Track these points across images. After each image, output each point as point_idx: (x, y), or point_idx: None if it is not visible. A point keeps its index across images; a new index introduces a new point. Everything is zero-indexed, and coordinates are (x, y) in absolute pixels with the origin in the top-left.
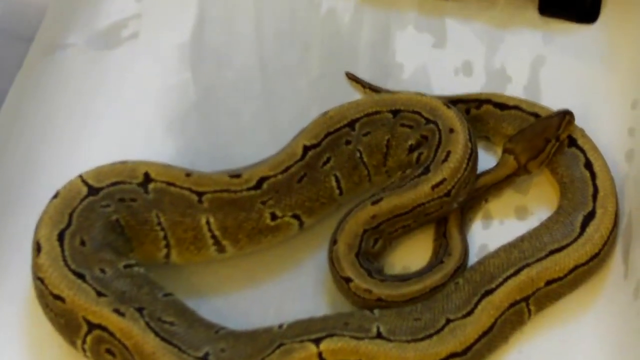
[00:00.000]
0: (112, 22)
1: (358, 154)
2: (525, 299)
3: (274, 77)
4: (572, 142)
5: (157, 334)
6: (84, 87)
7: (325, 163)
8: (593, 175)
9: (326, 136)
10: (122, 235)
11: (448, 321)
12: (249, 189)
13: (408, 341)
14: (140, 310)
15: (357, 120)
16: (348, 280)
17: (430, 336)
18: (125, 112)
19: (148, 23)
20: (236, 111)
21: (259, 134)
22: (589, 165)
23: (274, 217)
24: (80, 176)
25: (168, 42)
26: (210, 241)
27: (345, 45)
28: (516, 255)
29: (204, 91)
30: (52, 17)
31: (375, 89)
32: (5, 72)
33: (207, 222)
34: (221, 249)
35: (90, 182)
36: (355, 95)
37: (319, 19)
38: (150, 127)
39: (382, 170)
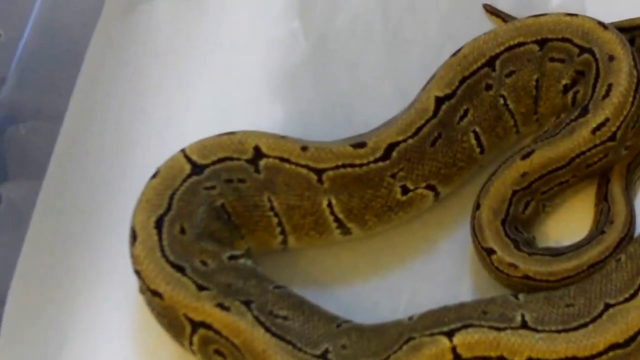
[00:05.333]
0: None
1: (502, 101)
2: None
3: (397, 18)
4: None
5: (267, 329)
6: (174, 43)
7: (462, 117)
8: None
9: (462, 82)
10: (228, 223)
11: (607, 306)
12: (376, 160)
13: (559, 331)
14: (247, 303)
15: (497, 56)
16: (490, 251)
17: (585, 325)
18: (225, 72)
19: None
20: (354, 62)
21: (382, 87)
22: None
23: (405, 190)
24: (183, 151)
25: None
26: (334, 225)
27: None
28: None
29: (315, 42)
30: None
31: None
32: (79, 32)
33: (329, 205)
34: (346, 232)
35: (194, 158)
36: None
37: None
38: (255, 88)
39: (532, 119)
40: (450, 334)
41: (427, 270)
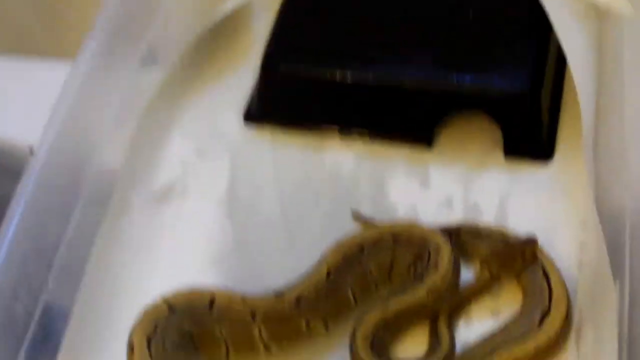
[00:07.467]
0: (164, 183)
1: (368, 272)
2: None
3: (293, 220)
4: (534, 257)
5: None
6: (147, 234)
7: (344, 280)
8: (549, 283)
9: (343, 259)
10: (193, 343)
11: None
12: (290, 306)
13: None
14: None
15: (366, 245)
16: None
17: None
18: (180, 252)
19: (192, 182)
20: (265, 247)
21: (284, 263)
22: (546, 275)
23: (308, 324)
24: (163, 298)
25: (208, 196)
26: (261, 346)
27: (348, 191)
28: (490, 345)
29: (239, 233)
30: (121, 183)
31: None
32: (90, 227)
33: (259, 333)
34: (268, 351)
35: (171, 303)
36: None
37: (326, 171)
38: (200, 262)
39: (387, 282)
40: None
41: None
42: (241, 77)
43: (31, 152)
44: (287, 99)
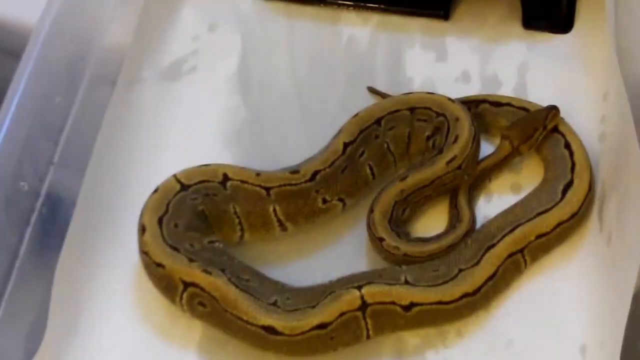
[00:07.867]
0: (175, 59)
1: (386, 145)
2: (521, 251)
3: (308, 97)
4: (555, 128)
5: (236, 286)
6: (157, 112)
7: (361, 155)
8: (571, 153)
9: (360, 133)
10: (206, 222)
11: (460, 270)
12: (305, 182)
13: (430, 286)
14: (222, 270)
15: (382, 118)
16: (381, 239)
17: (446, 282)
18: (191, 131)
19: (203, 58)
20: (279, 125)
21: (299, 142)
22: (567, 145)
23: (324, 201)
24: (175, 176)
25: (220, 72)
26: (276, 224)
27: (364, 66)
28: (511, 218)
29: (252, 111)
30: (129, 60)
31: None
32: (97, 105)
33: (274, 210)
34: (284, 229)
35: (182, 180)
36: None
37: (342, 46)
38: (212, 142)
39: (405, 156)
40: (359, 288)
41: (337, 255)
42: None
43: None
44: None
